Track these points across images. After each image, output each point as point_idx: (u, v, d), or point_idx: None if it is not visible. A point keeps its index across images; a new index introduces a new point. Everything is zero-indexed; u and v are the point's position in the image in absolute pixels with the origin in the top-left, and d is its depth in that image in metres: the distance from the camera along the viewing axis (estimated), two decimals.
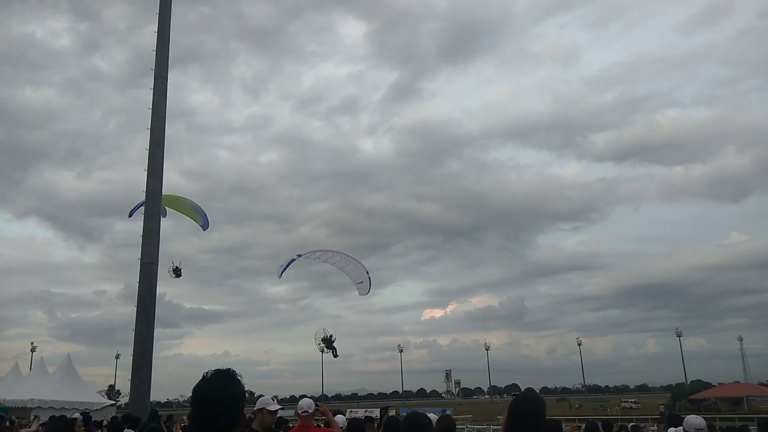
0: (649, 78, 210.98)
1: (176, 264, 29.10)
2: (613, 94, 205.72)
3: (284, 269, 22.12)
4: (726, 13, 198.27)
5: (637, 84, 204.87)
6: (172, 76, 20.90)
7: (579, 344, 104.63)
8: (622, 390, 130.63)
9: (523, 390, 4.27)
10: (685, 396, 75.77)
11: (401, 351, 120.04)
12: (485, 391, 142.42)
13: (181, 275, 29.11)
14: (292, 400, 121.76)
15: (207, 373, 2.44)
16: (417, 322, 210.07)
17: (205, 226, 28.46)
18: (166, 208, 26.23)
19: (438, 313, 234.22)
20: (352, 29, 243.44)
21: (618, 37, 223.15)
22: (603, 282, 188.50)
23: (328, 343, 26.93)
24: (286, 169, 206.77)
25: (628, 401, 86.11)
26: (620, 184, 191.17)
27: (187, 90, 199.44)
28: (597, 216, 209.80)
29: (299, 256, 22.30)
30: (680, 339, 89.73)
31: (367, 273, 22.55)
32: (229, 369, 2.47)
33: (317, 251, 23.19)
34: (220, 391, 2.35)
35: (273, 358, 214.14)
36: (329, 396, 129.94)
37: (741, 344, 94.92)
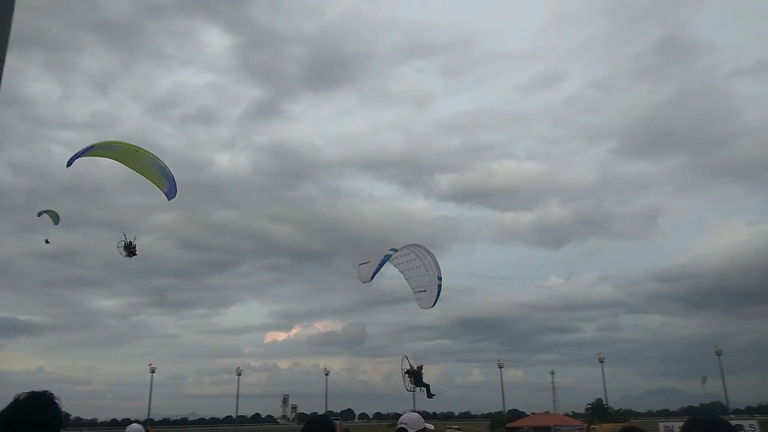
0: (490, 129, 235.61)
1: (129, 239, 21.68)
2: (458, 140, 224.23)
3: (376, 271, 16.92)
4: (560, 80, 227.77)
5: (480, 133, 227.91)
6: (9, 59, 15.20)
7: None
8: (448, 416, 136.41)
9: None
10: (502, 424, 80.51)
11: (239, 374, 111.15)
12: None
13: (135, 253, 21.69)
14: (114, 424, 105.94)
15: (20, 395, 2.31)
16: (259, 345, 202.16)
17: (170, 193, 21.63)
18: (121, 163, 19.38)
19: (281, 336, 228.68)
20: (216, 39, 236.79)
21: (467, 88, 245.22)
22: (438, 313, 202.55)
23: (416, 377, 20.32)
24: (130, 175, 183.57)
25: (452, 427, 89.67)
26: (460, 223, 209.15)
27: (24, 76, 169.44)
28: (438, 251, 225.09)
29: (394, 251, 17.28)
30: (501, 370, 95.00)
31: (439, 280, 18.05)
32: (45, 391, 2.36)
33: (410, 245, 18.27)
34: (33, 415, 2.21)
35: (95, 378, 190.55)
36: (156, 420, 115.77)
37: (552, 378, 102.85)
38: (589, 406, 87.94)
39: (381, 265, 17.03)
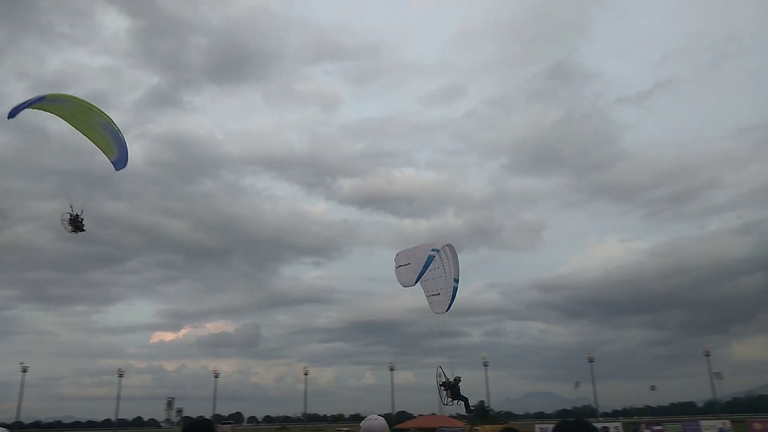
0: (394, 137, 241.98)
1: (76, 211, 19.11)
2: (362, 145, 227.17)
3: (421, 274, 15.96)
4: (461, 95, 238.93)
5: (383, 140, 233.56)
6: None
7: (306, 374, 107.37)
8: (338, 418, 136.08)
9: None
10: (390, 425, 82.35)
11: (121, 375, 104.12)
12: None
13: (83, 229, 19.12)
14: None
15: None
16: (144, 345, 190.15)
17: (119, 162, 19.48)
18: (68, 122, 17.25)
19: (169, 336, 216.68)
20: (114, 21, 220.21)
21: (374, 95, 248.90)
22: (334, 315, 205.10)
23: (453, 390, 18.73)
24: (9, 157, 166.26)
25: (341, 429, 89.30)
26: (360, 227, 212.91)
27: None
28: (337, 254, 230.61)
29: (436, 251, 16.47)
30: (392, 373, 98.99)
31: (455, 282, 17.47)
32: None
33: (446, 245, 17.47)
34: None
35: None
36: (26, 423, 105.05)
37: (438, 380, 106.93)
38: (473, 408, 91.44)
39: (426, 267, 16.32)
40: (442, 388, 19.24)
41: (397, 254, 17.45)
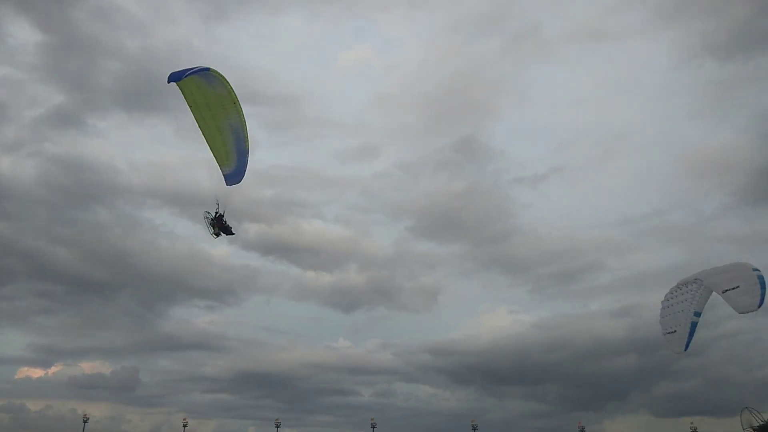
0: (305, 188, 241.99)
1: (216, 209, 18.03)
2: (272, 192, 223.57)
3: (689, 341, 15.70)
4: (374, 155, 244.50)
5: (294, 190, 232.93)
6: None
7: (184, 425, 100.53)
8: None
9: None
10: None
11: None
12: None
13: (232, 232, 17.75)
14: None
15: None
16: (8, 380, 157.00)
17: (233, 177, 19.45)
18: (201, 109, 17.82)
19: (37, 372, 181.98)
20: (24, 33, 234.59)
21: (289, 143, 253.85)
22: (222, 365, 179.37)
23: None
24: None
25: None
26: (261, 274, 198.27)
27: None
28: (233, 300, 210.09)
29: (698, 315, 16.51)
30: (278, 430, 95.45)
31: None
32: None
33: (693, 280, 17.25)
34: None
35: None
36: None
37: None
38: None
39: (692, 334, 15.88)
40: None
41: (662, 319, 16.75)
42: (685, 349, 15.53)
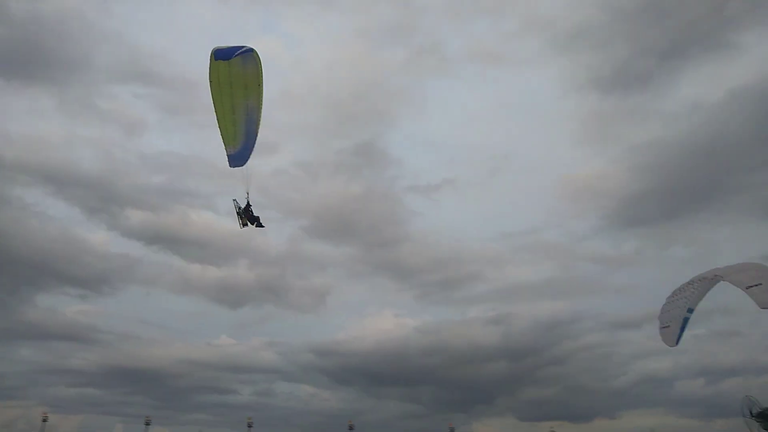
0: (197, 177, 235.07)
1: (246, 198, 17.21)
2: (161, 179, 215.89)
3: (680, 336, 16.76)
4: (273, 151, 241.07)
5: (185, 179, 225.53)
6: None
7: (44, 420, 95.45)
8: None
9: None
10: None
11: None
12: None
13: (261, 224, 17.00)
14: None
15: None
16: None
17: (237, 158, 19.00)
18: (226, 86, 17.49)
19: None
20: None
21: (183, 129, 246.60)
22: (92, 357, 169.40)
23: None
24: None
25: None
26: (142, 265, 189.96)
27: None
28: (109, 290, 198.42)
29: (691, 311, 17.60)
30: (148, 427, 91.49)
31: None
32: None
33: (677, 293, 18.43)
34: None
35: None
36: None
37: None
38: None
39: (683, 329, 17.25)
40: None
41: (660, 314, 18.29)
42: (676, 344, 17.64)
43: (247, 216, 17.14)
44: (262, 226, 18.04)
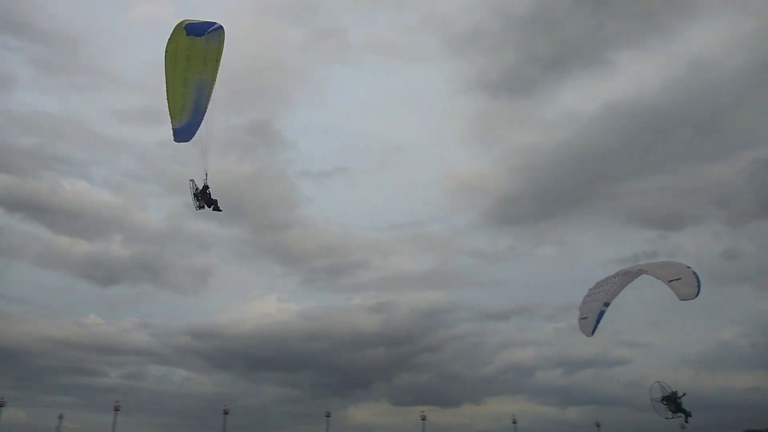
0: (72, 143, 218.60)
1: (204, 180, 16.63)
2: (31, 141, 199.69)
3: (596, 326, 17.93)
4: (158, 122, 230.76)
5: (59, 143, 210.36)
6: None
7: None
8: None
9: None
10: None
11: None
12: None
13: (218, 208, 16.38)
14: None
15: None
16: None
17: (182, 133, 18.55)
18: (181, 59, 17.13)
19: None
20: None
21: (60, 91, 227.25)
22: None
23: (675, 402, 20.42)
24: None
25: None
26: (3, 234, 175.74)
27: None
28: None
29: (607, 305, 18.84)
30: (1, 409, 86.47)
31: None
32: None
33: (601, 285, 19.62)
34: None
35: None
36: None
37: (60, 422, 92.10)
38: None
39: (598, 321, 18.76)
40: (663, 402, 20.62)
41: (581, 305, 19.85)
42: (592, 334, 19.99)
43: (204, 198, 16.62)
44: (220, 210, 17.70)
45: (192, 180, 17.07)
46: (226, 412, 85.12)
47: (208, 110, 17.69)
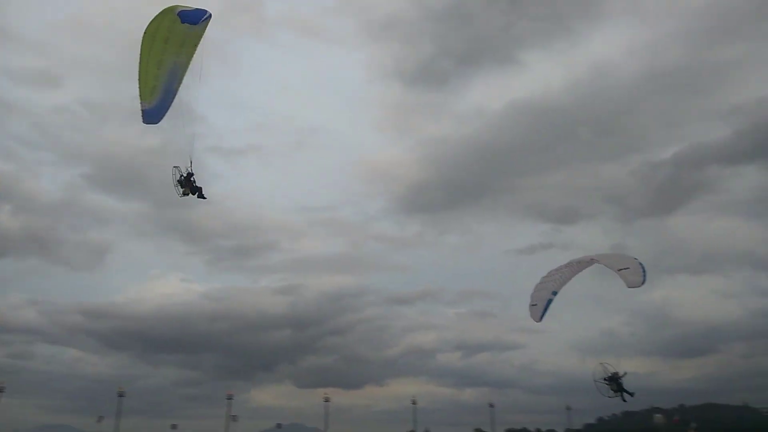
0: None
1: (189, 167, 16.33)
2: None
3: (544, 313, 18.99)
4: (55, 86, 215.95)
5: None
6: None
7: None
8: None
9: None
10: None
11: None
12: None
13: (203, 196, 16.17)
14: None
15: None
16: None
17: (151, 114, 18.21)
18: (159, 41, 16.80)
19: None
20: None
21: None
22: None
23: (617, 383, 22.14)
24: None
25: None
26: None
27: None
28: None
29: (555, 294, 19.98)
30: None
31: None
32: None
33: (553, 273, 20.63)
34: None
35: None
36: None
37: None
38: None
39: (546, 309, 20.06)
40: (605, 381, 22.74)
41: (533, 292, 21.18)
42: (540, 320, 21.81)
43: (188, 186, 16.36)
44: (204, 198, 17.49)
45: (176, 167, 16.78)
46: (121, 395, 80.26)
47: (193, 91, 17.57)
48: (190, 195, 17.09)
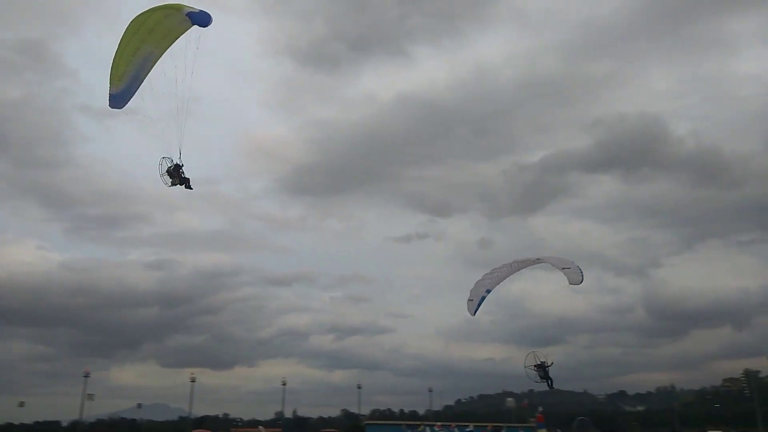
0: None
1: (175, 160, 16.32)
2: None
3: (477, 308, 20.71)
4: None
5: None
6: None
7: None
8: None
9: None
10: None
11: None
12: None
13: (190, 187, 16.21)
14: None
15: None
16: None
17: (117, 99, 18.51)
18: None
19: None
20: None
21: None
22: None
23: (544, 370, 23.95)
24: None
25: None
26: None
27: None
28: None
29: (489, 291, 21.78)
30: None
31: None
32: None
33: (495, 271, 22.36)
34: None
35: None
36: None
37: None
38: None
39: (480, 304, 22.11)
40: (535, 368, 25.50)
41: (472, 287, 23.35)
42: (474, 315, 24.27)
43: (177, 176, 16.33)
44: (191, 188, 17.56)
45: (164, 157, 16.72)
46: None
47: (182, 84, 17.57)
48: (179, 186, 17.37)
